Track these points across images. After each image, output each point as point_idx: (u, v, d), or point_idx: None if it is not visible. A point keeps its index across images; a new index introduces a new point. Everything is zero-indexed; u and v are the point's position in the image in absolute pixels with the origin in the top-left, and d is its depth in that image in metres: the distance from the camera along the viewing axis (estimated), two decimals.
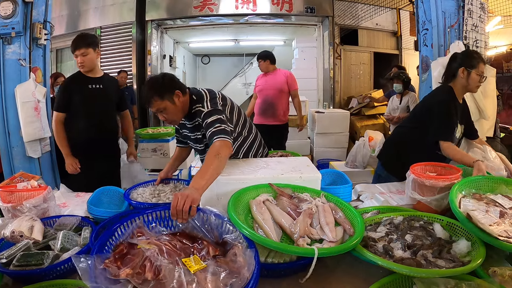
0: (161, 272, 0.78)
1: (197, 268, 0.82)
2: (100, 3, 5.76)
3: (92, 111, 2.24)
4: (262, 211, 1.10)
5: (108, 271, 0.79)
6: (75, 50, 2.17)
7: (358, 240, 0.96)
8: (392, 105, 3.98)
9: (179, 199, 1.02)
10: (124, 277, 0.77)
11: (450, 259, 0.92)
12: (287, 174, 1.32)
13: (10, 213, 1.26)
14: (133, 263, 0.81)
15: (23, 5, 2.51)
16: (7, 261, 0.98)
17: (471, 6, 2.56)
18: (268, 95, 3.68)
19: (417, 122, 1.87)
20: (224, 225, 1.03)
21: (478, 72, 1.77)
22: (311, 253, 0.87)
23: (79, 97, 2.22)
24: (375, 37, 6.55)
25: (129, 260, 0.83)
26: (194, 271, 0.81)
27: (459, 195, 1.20)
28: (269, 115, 3.68)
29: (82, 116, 2.24)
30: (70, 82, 2.30)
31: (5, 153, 2.59)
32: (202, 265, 0.84)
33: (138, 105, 5.62)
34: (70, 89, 2.23)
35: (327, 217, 1.09)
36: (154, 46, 6.01)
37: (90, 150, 2.25)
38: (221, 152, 1.28)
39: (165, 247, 0.88)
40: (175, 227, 1.08)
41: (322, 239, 1.02)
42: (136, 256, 0.84)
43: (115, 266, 0.81)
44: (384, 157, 2.09)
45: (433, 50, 2.70)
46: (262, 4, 5.55)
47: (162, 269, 0.79)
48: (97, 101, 2.27)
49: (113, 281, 0.77)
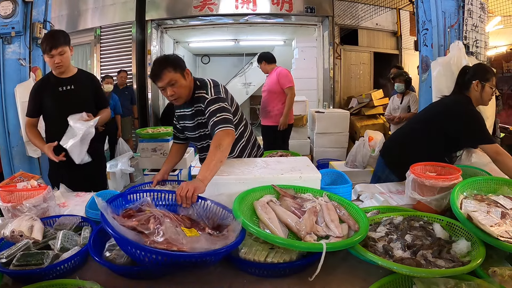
0: (163, 225, 0.90)
1: (192, 235, 0.94)
2: (100, 3, 5.76)
3: (64, 115, 1.95)
4: (267, 211, 1.10)
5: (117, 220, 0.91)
6: (51, 49, 1.92)
7: (364, 234, 0.97)
8: (392, 105, 3.97)
9: (184, 187, 1.15)
10: (129, 226, 0.88)
11: (449, 259, 0.92)
12: (287, 174, 1.32)
13: (10, 212, 1.25)
14: (140, 218, 0.95)
15: (23, 5, 2.51)
16: (7, 261, 0.98)
17: (471, 6, 2.56)
18: (264, 96, 3.74)
19: (431, 125, 1.85)
20: (223, 213, 1.11)
21: (491, 85, 1.78)
22: (319, 247, 0.87)
23: (49, 102, 2.05)
24: (375, 37, 6.55)
25: (136, 217, 0.97)
26: (189, 235, 0.92)
27: (460, 196, 1.20)
28: (265, 115, 3.72)
29: (54, 121, 2.06)
30: (40, 87, 2.09)
31: (5, 153, 2.60)
32: (197, 234, 0.97)
33: (138, 105, 5.63)
34: (40, 94, 2.05)
35: (331, 214, 1.09)
36: (154, 46, 6.01)
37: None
38: (222, 143, 1.36)
39: (169, 216, 1.01)
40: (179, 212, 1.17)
41: (328, 235, 1.02)
42: (142, 215, 0.97)
43: (125, 218, 0.96)
44: (388, 156, 2.05)
45: (433, 50, 2.70)
46: (262, 4, 5.55)
47: (163, 223, 0.91)
48: (69, 104, 2.02)
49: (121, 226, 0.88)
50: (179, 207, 1.13)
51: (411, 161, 1.58)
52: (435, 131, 1.80)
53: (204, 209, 1.16)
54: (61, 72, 2.04)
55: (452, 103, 1.88)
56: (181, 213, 1.12)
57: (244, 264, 0.97)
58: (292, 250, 0.96)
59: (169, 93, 1.55)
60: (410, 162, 1.53)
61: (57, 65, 1.97)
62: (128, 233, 0.84)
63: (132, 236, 0.84)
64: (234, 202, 1.08)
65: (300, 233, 1.01)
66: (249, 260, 0.96)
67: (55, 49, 1.93)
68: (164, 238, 0.85)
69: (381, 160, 2.07)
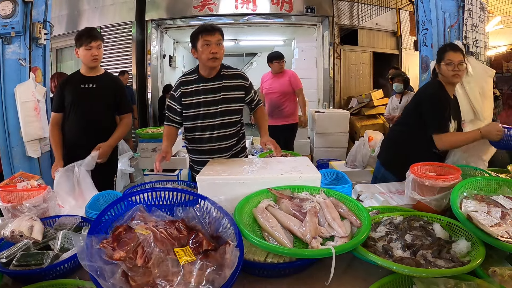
0: (151, 260, 0.82)
1: (186, 260, 0.84)
2: (100, 3, 5.76)
3: (80, 111, 2.08)
4: (268, 218, 1.09)
5: (103, 251, 0.83)
6: (91, 41, 2.02)
7: (368, 231, 0.97)
8: (391, 105, 3.98)
9: (276, 145, 1.70)
10: (117, 259, 0.80)
11: (449, 259, 0.92)
12: (287, 174, 1.31)
13: (10, 213, 1.25)
14: (128, 247, 0.84)
15: (23, 5, 2.51)
16: (7, 261, 0.98)
17: (471, 6, 2.56)
18: (273, 97, 3.71)
19: (411, 119, 1.89)
20: (222, 220, 1.05)
21: (446, 62, 1.79)
22: (329, 253, 0.87)
23: (70, 97, 2.11)
24: (375, 37, 6.55)
25: (124, 244, 0.86)
26: (182, 263, 0.83)
27: (460, 196, 1.20)
28: (277, 115, 3.70)
29: (70, 116, 2.12)
30: (65, 82, 2.19)
31: (5, 153, 2.60)
32: (192, 258, 0.86)
33: (138, 105, 5.63)
34: (64, 89, 2.14)
35: (331, 212, 1.09)
36: (154, 46, 6.01)
37: (77, 152, 2.02)
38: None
39: (160, 234, 0.91)
40: (176, 215, 1.10)
41: (333, 236, 1.02)
42: (132, 240, 0.87)
43: (111, 247, 0.84)
44: (382, 156, 2.10)
45: (433, 50, 2.70)
46: (262, 4, 5.55)
47: (152, 257, 0.82)
48: (87, 101, 2.10)
49: (106, 261, 0.80)
50: (176, 208, 1.09)
51: (402, 158, 1.60)
52: (417, 123, 1.83)
53: (203, 210, 1.11)
54: (94, 67, 2.12)
55: (421, 89, 1.99)
56: (180, 214, 1.07)
57: (244, 264, 0.97)
58: None
59: (214, 50, 1.68)
60: (402, 159, 1.55)
61: (93, 57, 2.05)
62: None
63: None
64: (234, 214, 1.06)
65: (305, 238, 1.00)
66: (248, 260, 0.96)
67: (95, 42, 2.03)
68: (151, 277, 0.79)
69: (378, 162, 2.12)
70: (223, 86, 1.78)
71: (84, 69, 2.13)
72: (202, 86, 1.77)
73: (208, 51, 1.67)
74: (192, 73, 1.82)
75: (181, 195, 1.15)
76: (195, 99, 1.78)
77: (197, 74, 1.80)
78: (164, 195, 1.15)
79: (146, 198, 1.11)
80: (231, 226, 1.00)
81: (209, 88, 1.76)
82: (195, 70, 1.83)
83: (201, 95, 1.77)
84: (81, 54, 2.07)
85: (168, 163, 1.81)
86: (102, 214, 0.98)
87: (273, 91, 3.72)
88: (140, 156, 3.35)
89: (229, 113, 1.80)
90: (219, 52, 1.69)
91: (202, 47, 1.69)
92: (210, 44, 1.67)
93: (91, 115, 2.11)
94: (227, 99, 1.78)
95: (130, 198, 1.06)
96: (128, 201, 1.05)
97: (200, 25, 1.77)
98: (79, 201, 1.67)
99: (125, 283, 0.78)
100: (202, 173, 1.31)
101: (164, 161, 1.65)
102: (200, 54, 1.70)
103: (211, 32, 1.68)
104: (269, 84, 3.75)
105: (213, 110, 1.76)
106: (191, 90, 1.77)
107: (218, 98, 1.77)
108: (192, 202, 1.12)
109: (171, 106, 1.84)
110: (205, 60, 1.70)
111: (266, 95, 3.77)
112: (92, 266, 0.77)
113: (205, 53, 1.67)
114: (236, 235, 0.95)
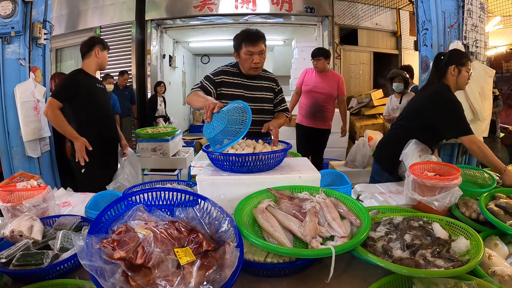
0: (151, 261, 0.81)
1: (186, 260, 0.84)
2: (100, 3, 5.76)
3: (107, 108, 2.44)
4: (268, 218, 1.09)
5: (103, 251, 0.83)
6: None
7: (368, 230, 0.97)
8: (391, 105, 3.96)
9: (277, 136, 1.55)
10: (117, 259, 0.80)
11: (449, 258, 0.92)
12: (287, 174, 1.32)
13: (9, 212, 1.25)
14: (128, 247, 0.84)
15: (23, 5, 2.51)
16: (6, 261, 0.98)
17: (470, 6, 2.56)
18: (318, 97, 3.52)
19: (412, 122, 1.86)
20: (222, 220, 1.04)
21: (467, 70, 1.79)
22: (328, 253, 0.87)
23: (94, 94, 2.28)
24: (375, 37, 6.55)
25: (124, 243, 0.85)
26: (183, 263, 0.83)
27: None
28: (319, 118, 3.56)
29: (101, 112, 2.34)
30: (80, 79, 2.23)
31: (4, 153, 2.59)
32: (192, 258, 0.86)
33: (138, 105, 5.62)
34: (78, 84, 2.19)
35: (331, 212, 1.09)
36: (154, 45, 6.01)
37: (114, 144, 2.45)
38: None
39: (160, 234, 0.91)
40: (176, 216, 1.08)
41: (333, 236, 1.02)
42: (132, 240, 0.87)
43: (111, 247, 0.84)
44: (378, 156, 2.08)
45: (433, 50, 2.70)
46: (262, 4, 5.55)
47: (152, 257, 0.82)
48: (107, 100, 2.45)
49: (106, 261, 0.80)
50: (176, 208, 1.10)
51: (395, 159, 1.58)
52: (417, 127, 1.81)
53: (203, 211, 1.11)
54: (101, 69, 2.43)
55: (432, 94, 1.84)
56: (179, 215, 1.06)
57: (244, 264, 0.97)
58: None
59: (257, 60, 1.74)
60: (395, 160, 1.53)
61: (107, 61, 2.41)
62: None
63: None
64: (234, 214, 1.06)
65: (305, 238, 1.00)
66: (248, 260, 0.96)
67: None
68: (152, 277, 0.79)
69: (375, 163, 2.10)
70: (262, 86, 1.88)
71: (92, 70, 2.33)
72: (243, 81, 1.83)
73: (250, 60, 1.74)
74: (234, 66, 1.88)
75: (181, 195, 1.15)
76: (233, 91, 1.82)
77: (238, 69, 1.86)
78: (164, 195, 1.14)
79: (146, 198, 1.10)
80: (231, 226, 1.00)
81: (248, 85, 1.84)
82: (236, 64, 1.89)
83: (241, 89, 1.83)
84: (102, 56, 2.31)
85: (168, 163, 1.82)
86: (102, 214, 0.98)
87: (320, 91, 3.50)
88: (140, 156, 3.34)
89: (261, 112, 1.86)
90: (261, 62, 1.76)
91: (245, 55, 1.74)
92: (253, 54, 1.72)
93: (111, 112, 2.55)
94: (263, 98, 1.87)
95: (130, 198, 1.06)
96: (128, 201, 1.04)
97: (244, 29, 1.79)
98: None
99: (125, 283, 0.78)
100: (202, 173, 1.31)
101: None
102: (243, 61, 1.77)
103: (255, 43, 1.71)
104: (315, 82, 3.52)
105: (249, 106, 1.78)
106: (232, 82, 1.83)
107: (254, 96, 1.84)
108: (192, 202, 1.12)
109: (206, 86, 1.79)
110: (247, 68, 1.78)
111: (307, 92, 3.56)
112: (92, 266, 0.77)
113: (247, 62, 1.75)
114: (236, 236, 0.95)
